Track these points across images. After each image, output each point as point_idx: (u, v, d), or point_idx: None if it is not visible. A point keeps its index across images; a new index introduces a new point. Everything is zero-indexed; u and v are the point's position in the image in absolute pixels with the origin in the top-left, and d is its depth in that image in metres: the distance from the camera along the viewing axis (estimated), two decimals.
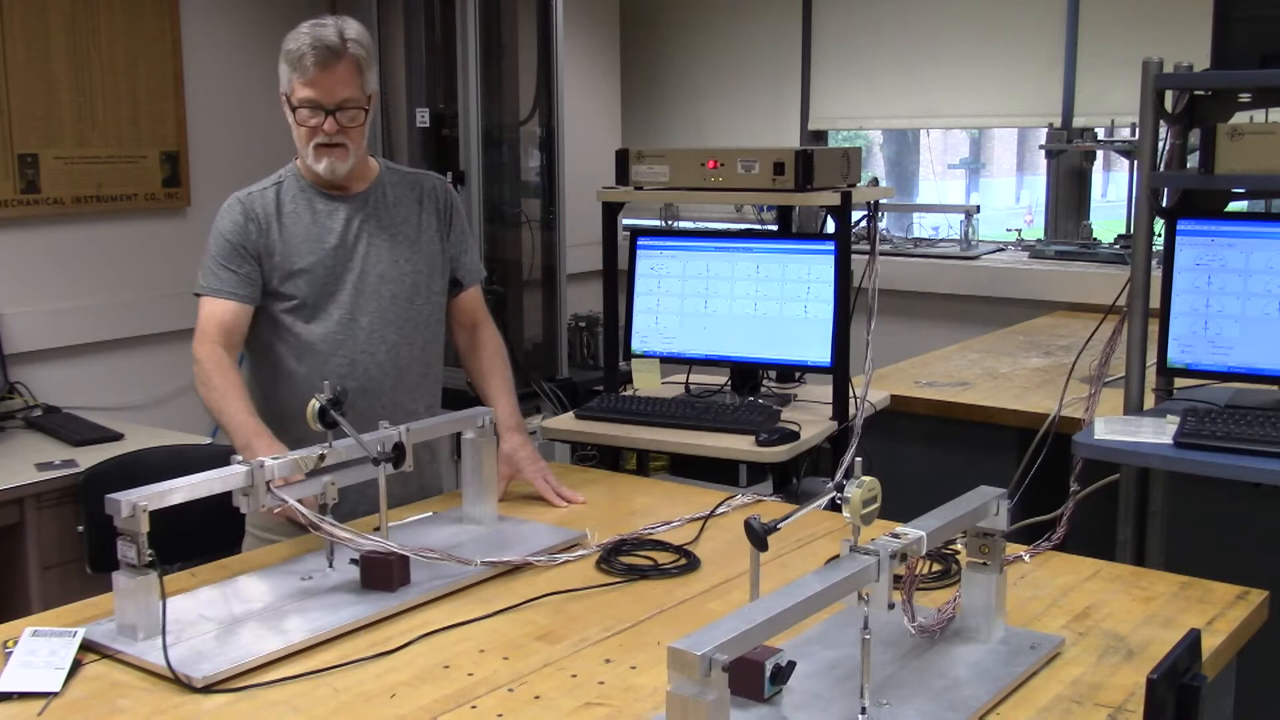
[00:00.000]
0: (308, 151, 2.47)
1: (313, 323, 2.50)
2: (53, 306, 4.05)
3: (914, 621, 1.73)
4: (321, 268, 2.50)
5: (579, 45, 5.44)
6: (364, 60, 2.47)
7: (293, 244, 2.51)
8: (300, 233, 2.51)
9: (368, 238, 2.54)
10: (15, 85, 3.90)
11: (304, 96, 2.43)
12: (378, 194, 2.58)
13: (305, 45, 2.41)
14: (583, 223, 4.59)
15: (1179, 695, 1.45)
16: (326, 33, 2.42)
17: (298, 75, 2.43)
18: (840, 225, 2.94)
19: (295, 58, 2.42)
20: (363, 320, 2.51)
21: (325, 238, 2.52)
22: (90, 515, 2.92)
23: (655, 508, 2.46)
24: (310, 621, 1.87)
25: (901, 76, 5.36)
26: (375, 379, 2.52)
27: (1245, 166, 2.63)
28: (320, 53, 2.40)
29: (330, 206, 2.54)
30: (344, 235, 2.52)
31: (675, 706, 1.27)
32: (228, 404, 2.38)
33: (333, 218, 2.53)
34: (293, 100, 2.45)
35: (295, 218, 2.53)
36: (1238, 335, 2.71)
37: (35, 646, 1.75)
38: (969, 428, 3.32)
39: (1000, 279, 4.88)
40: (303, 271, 2.50)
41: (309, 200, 2.54)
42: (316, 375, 2.42)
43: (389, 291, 2.54)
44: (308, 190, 2.55)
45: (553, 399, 4.55)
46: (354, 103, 2.45)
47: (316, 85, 2.42)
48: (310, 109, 2.44)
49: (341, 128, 2.44)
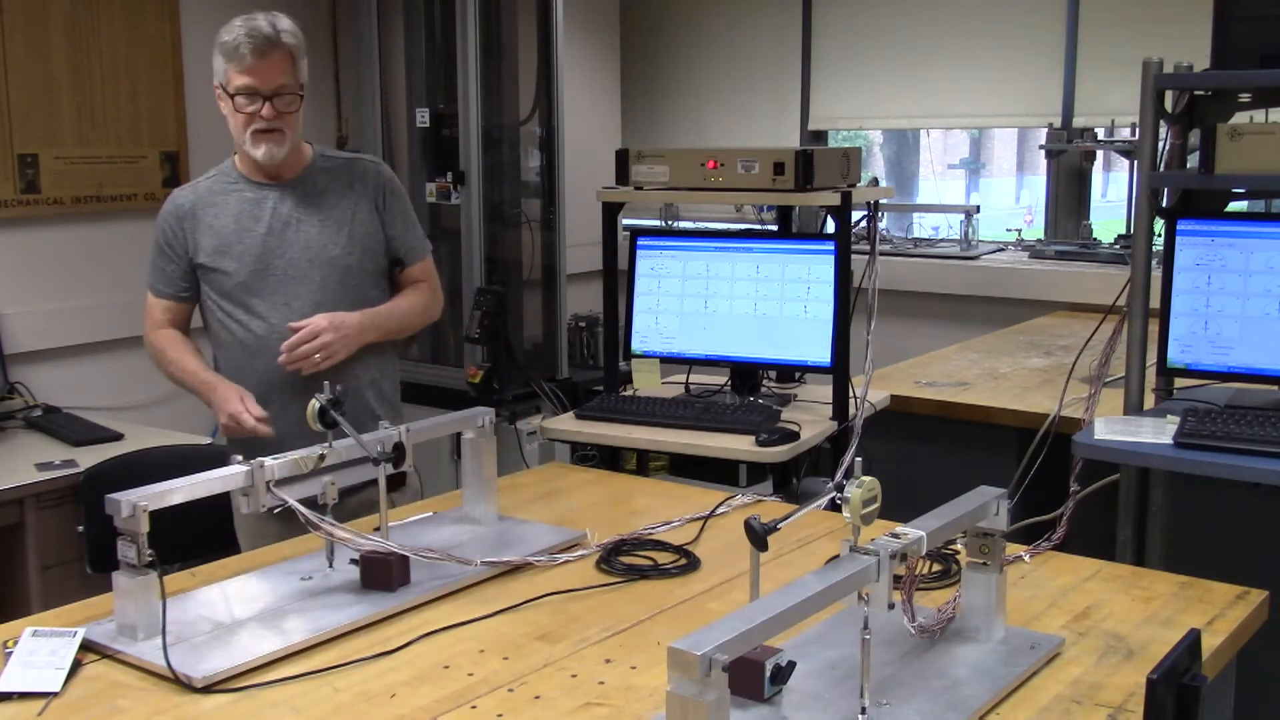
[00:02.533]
0: (245, 138, 2.58)
1: (248, 309, 2.62)
2: (53, 306, 4.04)
3: (914, 621, 1.72)
4: (250, 254, 2.61)
5: (579, 45, 5.44)
6: (297, 51, 2.60)
7: (222, 233, 2.62)
8: (229, 221, 2.63)
9: (296, 223, 2.64)
10: (15, 85, 3.90)
11: (242, 84, 2.54)
12: (308, 181, 2.68)
13: (241, 36, 2.53)
14: (583, 223, 4.59)
15: (1179, 695, 1.45)
16: (261, 25, 2.55)
17: (234, 64, 2.54)
18: (840, 225, 2.94)
19: (231, 48, 2.54)
20: (295, 304, 2.61)
21: (254, 226, 2.63)
22: (90, 515, 2.92)
23: (655, 508, 2.46)
24: (310, 621, 1.87)
25: (901, 76, 5.36)
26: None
27: (1245, 166, 2.62)
28: (257, 42, 2.53)
29: (259, 194, 2.65)
30: (272, 222, 2.63)
31: (675, 706, 1.27)
32: (185, 366, 2.63)
33: (261, 205, 2.64)
34: (230, 89, 2.56)
35: (224, 207, 2.64)
36: (1238, 335, 2.71)
37: (35, 646, 1.75)
38: (969, 428, 3.31)
39: (1000, 279, 4.88)
40: (231, 258, 2.61)
41: (239, 190, 2.65)
42: (257, 358, 2.60)
43: (319, 275, 2.64)
44: (239, 181, 2.67)
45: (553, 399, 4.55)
46: (289, 89, 2.57)
47: (254, 73, 2.54)
48: (247, 96, 2.55)
49: (278, 113, 2.56)
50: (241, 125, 2.57)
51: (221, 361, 2.70)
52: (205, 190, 2.67)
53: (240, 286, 2.62)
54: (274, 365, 2.58)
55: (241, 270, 2.61)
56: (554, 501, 2.55)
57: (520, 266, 4.83)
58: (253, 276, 2.61)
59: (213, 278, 2.64)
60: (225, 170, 2.70)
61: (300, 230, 2.64)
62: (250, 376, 2.61)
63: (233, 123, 2.60)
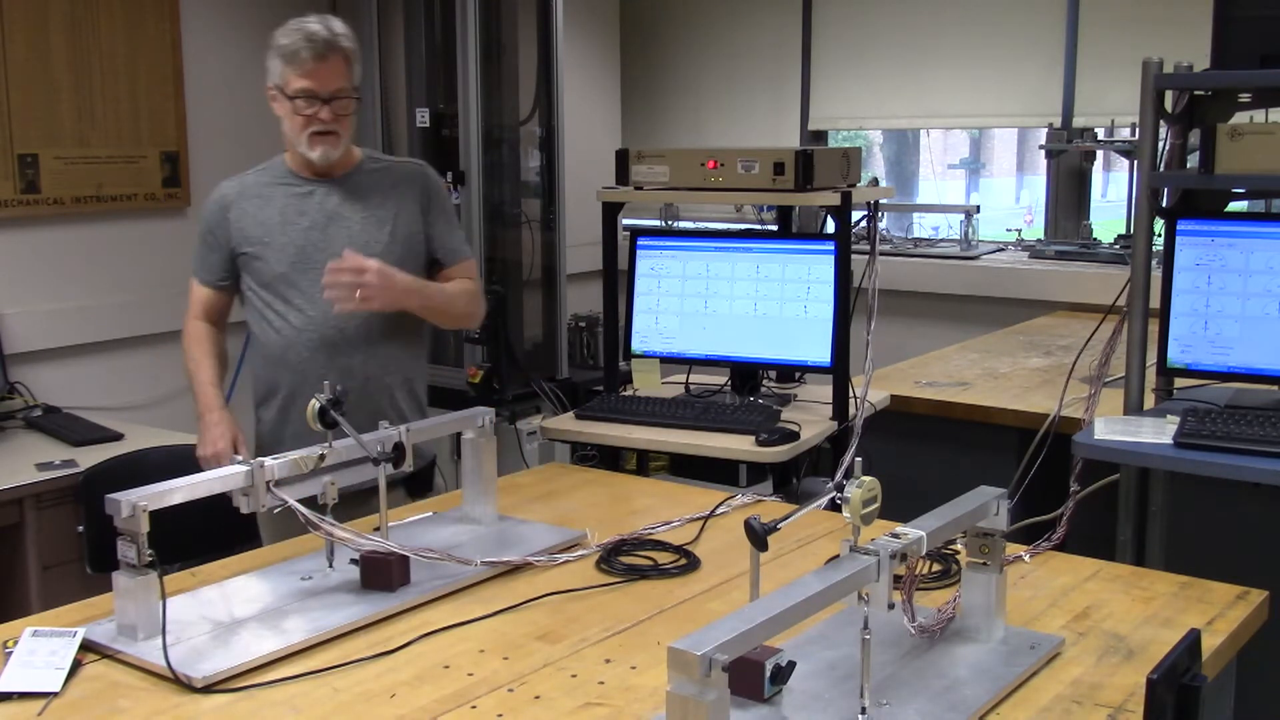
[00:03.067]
0: (302, 139, 2.63)
1: (287, 301, 2.67)
2: (53, 306, 4.04)
3: (914, 621, 1.73)
4: (292, 246, 2.66)
5: (579, 45, 5.44)
6: (353, 54, 2.65)
7: (266, 224, 2.68)
8: (274, 214, 2.68)
9: (340, 219, 2.69)
10: (15, 85, 3.90)
11: (301, 87, 2.59)
12: (354, 179, 2.73)
13: (300, 40, 2.58)
14: (583, 223, 4.59)
15: (1179, 695, 1.45)
16: (319, 29, 2.60)
17: (293, 68, 2.59)
18: (840, 225, 2.94)
19: (291, 52, 2.59)
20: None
21: (298, 219, 2.67)
22: (90, 515, 2.92)
23: (655, 508, 2.46)
24: (310, 621, 1.87)
25: (901, 76, 5.36)
26: (343, 352, 2.66)
27: (1245, 166, 2.62)
28: (316, 46, 2.58)
29: (305, 189, 2.70)
30: (316, 217, 2.68)
31: (675, 706, 1.27)
32: (198, 372, 2.71)
33: (306, 200, 2.69)
34: (287, 91, 2.60)
35: (269, 200, 2.70)
36: (1238, 335, 2.71)
37: (35, 646, 1.75)
38: (969, 428, 3.31)
39: (1000, 279, 4.88)
40: (273, 249, 2.66)
41: (286, 184, 2.71)
42: (291, 351, 2.65)
43: None
44: (287, 176, 2.72)
45: (553, 399, 4.55)
46: (345, 93, 2.63)
47: (313, 76, 2.58)
48: (306, 99, 2.60)
49: (335, 116, 2.61)
50: (299, 127, 2.62)
51: (256, 351, 2.75)
52: (252, 182, 2.74)
53: (280, 278, 2.66)
54: (307, 358, 2.65)
55: (282, 261, 2.66)
56: (554, 501, 2.55)
57: (520, 266, 4.83)
58: (293, 269, 2.66)
59: (254, 267, 2.69)
60: (274, 165, 2.77)
61: (343, 226, 2.68)
62: (283, 370, 2.68)
63: (289, 124, 2.65)
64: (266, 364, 2.71)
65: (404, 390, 2.76)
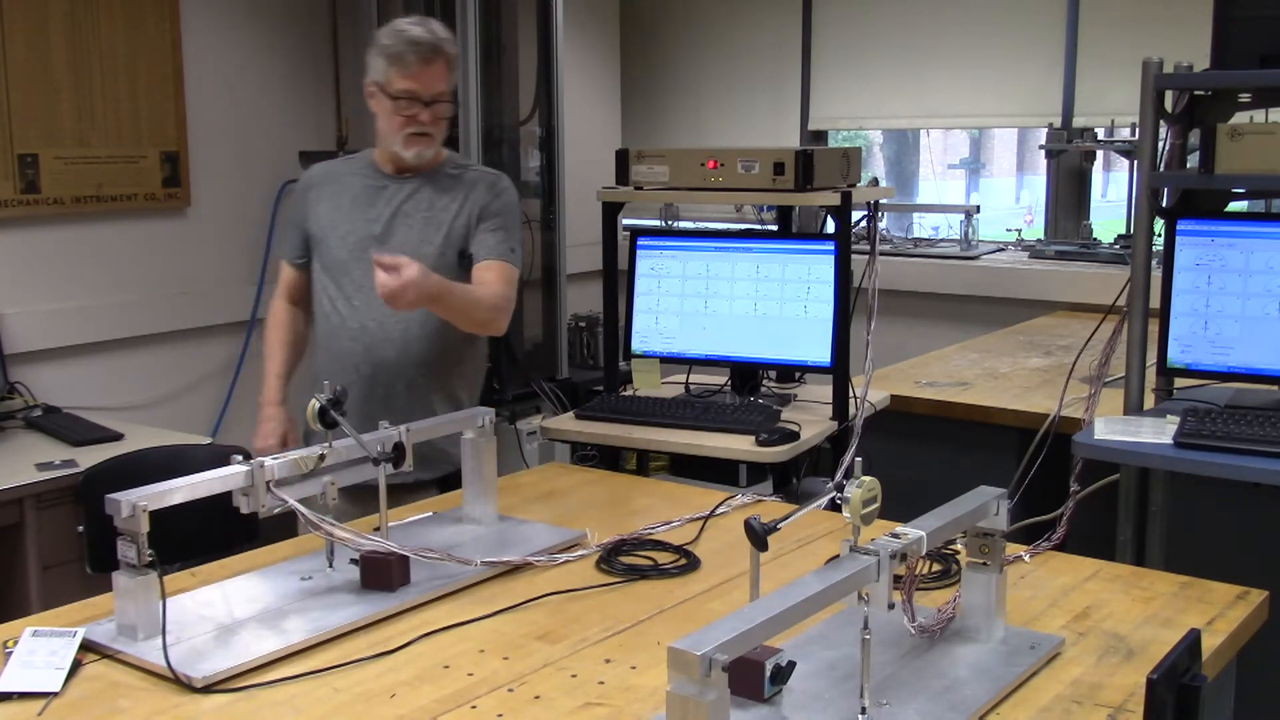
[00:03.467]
0: (398, 138, 2.68)
1: (340, 288, 2.74)
2: (53, 306, 4.04)
3: (914, 621, 1.73)
4: (354, 236, 2.72)
5: (579, 45, 5.44)
6: (454, 60, 2.72)
7: (337, 210, 2.74)
8: (346, 201, 2.75)
9: (404, 218, 2.74)
10: (15, 85, 3.90)
11: (404, 88, 2.64)
12: (429, 180, 2.77)
13: (408, 41, 2.63)
14: (583, 223, 4.59)
15: (1179, 695, 1.45)
16: (423, 32, 2.66)
17: (398, 68, 2.63)
18: (840, 225, 2.94)
19: (397, 53, 2.63)
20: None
21: (366, 211, 2.74)
22: (90, 515, 2.92)
23: (655, 508, 2.46)
24: (310, 621, 1.87)
25: (901, 76, 5.36)
26: (380, 346, 2.70)
27: (1245, 166, 2.62)
28: (423, 49, 2.63)
29: (380, 184, 2.76)
30: (382, 211, 2.74)
31: (675, 706, 1.27)
32: (268, 361, 2.85)
33: (378, 194, 2.75)
34: (390, 90, 2.64)
35: (345, 187, 2.77)
36: (1238, 335, 2.71)
37: (35, 646, 1.75)
38: (969, 428, 3.31)
39: (1000, 279, 4.88)
40: (337, 236, 2.73)
41: (364, 176, 2.77)
42: (336, 338, 2.73)
43: None
44: (368, 168, 2.78)
45: (553, 399, 4.55)
46: (444, 97, 2.69)
47: (417, 79, 2.64)
48: (409, 100, 2.64)
49: (433, 119, 2.68)
50: (398, 126, 2.67)
51: (316, 332, 2.83)
52: (336, 169, 2.84)
53: (339, 264, 2.73)
54: (345, 345, 2.72)
55: (343, 249, 2.73)
56: (554, 501, 2.55)
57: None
58: (350, 258, 2.72)
59: (320, 250, 2.77)
60: (361, 156, 2.84)
61: (404, 225, 2.74)
62: (327, 356, 2.76)
63: (386, 122, 2.69)
64: (318, 349, 2.81)
65: (441, 394, 2.75)
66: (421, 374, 2.73)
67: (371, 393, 2.67)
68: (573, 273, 4.94)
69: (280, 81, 4.63)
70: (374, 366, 2.68)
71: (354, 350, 2.71)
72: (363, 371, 2.69)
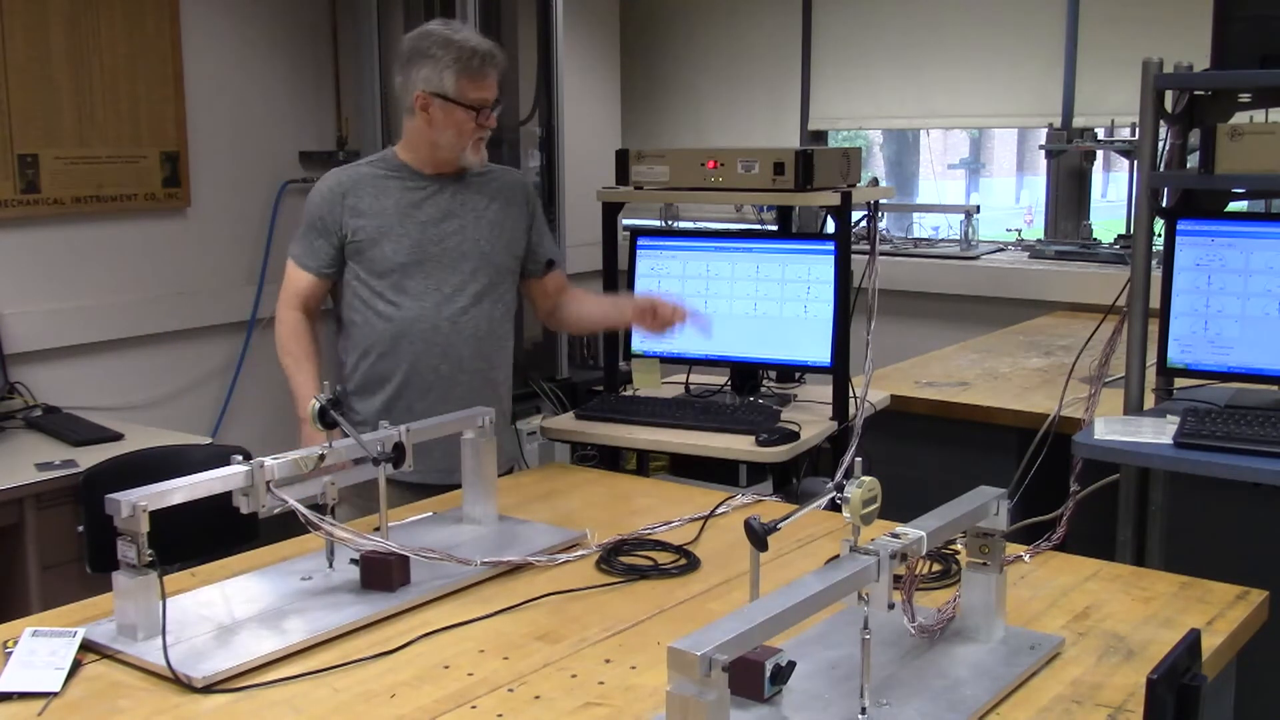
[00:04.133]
0: (465, 145, 2.71)
1: (401, 290, 2.72)
2: (53, 306, 4.04)
3: (914, 621, 1.73)
4: (409, 239, 2.72)
5: (579, 45, 5.44)
6: (502, 65, 2.76)
7: (383, 215, 2.72)
8: (390, 205, 2.73)
9: (454, 216, 2.76)
10: (15, 85, 3.90)
11: (479, 97, 2.68)
12: (465, 181, 2.79)
13: (472, 51, 2.66)
14: (583, 223, 4.59)
15: (1179, 695, 1.45)
16: (481, 40, 2.70)
17: (470, 78, 2.66)
18: (840, 225, 2.94)
19: (468, 65, 2.65)
20: (446, 291, 2.72)
21: (415, 213, 2.73)
22: (90, 515, 2.91)
23: (655, 508, 2.46)
24: (310, 621, 1.87)
25: (901, 76, 5.36)
26: (455, 344, 2.73)
27: (1245, 166, 2.62)
28: (489, 57, 2.68)
29: (420, 184, 2.76)
30: (433, 212, 2.75)
31: (675, 706, 1.27)
32: (300, 371, 2.73)
33: (423, 195, 2.75)
34: (465, 99, 2.66)
35: (385, 191, 2.74)
36: (1238, 335, 2.71)
37: (35, 646, 1.75)
38: (969, 428, 3.31)
39: (1000, 279, 4.88)
40: (391, 240, 2.71)
41: (401, 179, 2.76)
42: (402, 340, 2.71)
43: (470, 266, 2.75)
44: (401, 170, 2.77)
45: (553, 399, 4.56)
46: (497, 101, 2.74)
47: (487, 87, 2.69)
48: (479, 108, 2.68)
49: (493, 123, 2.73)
50: (468, 133, 2.69)
51: (356, 343, 2.76)
52: (366, 174, 2.78)
53: (398, 268, 2.71)
54: (420, 347, 2.71)
55: (400, 252, 2.71)
56: (554, 501, 2.55)
57: None
58: (410, 260, 2.71)
59: (369, 256, 2.72)
60: (386, 158, 2.81)
61: (458, 223, 2.76)
62: (392, 360, 2.72)
63: (451, 130, 2.69)
64: (370, 355, 2.74)
65: (506, 385, 2.87)
66: (493, 366, 2.81)
67: (450, 392, 2.70)
68: (573, 273, 4.90)
69: (280, 81, 4.63)
70: (452, 365, 2.72)
71: (431, 352, 2.71)
72: (442, 371, 2.72)
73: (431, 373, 2.72)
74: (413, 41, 2.70)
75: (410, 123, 2.74)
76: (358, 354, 2.76)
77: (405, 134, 2.77)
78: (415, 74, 2.68)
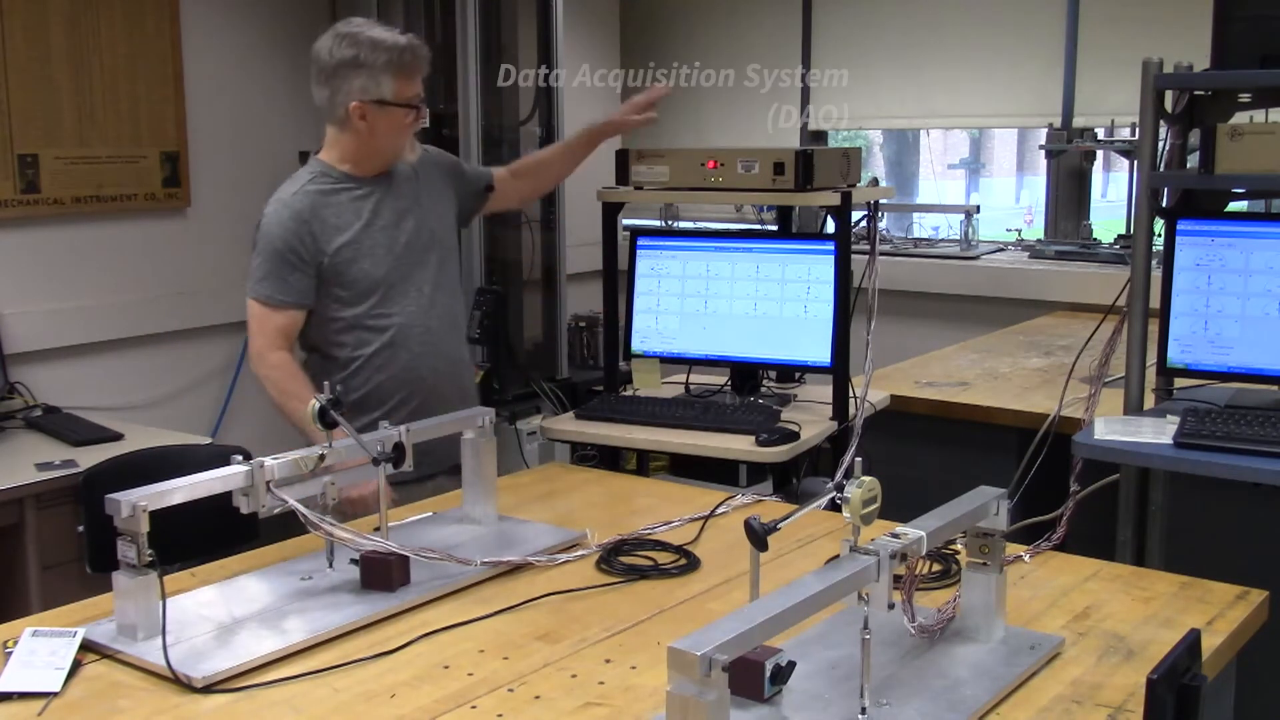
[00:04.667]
0: (404, 143, 2.71)
1: (389, 301, 2.70)
2: (53, 306, 4.04)
3: (914, 621, 1.73)
4: (380, 249, 2.70)
5: (579, 45, 5.44)
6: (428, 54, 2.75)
7: (349, 232, 2.68)
8: (352, 219, 2.69)
9: (405, 213, 2.76)
10: (15, 85, 3.90)
11: (413, 94, 2.67)
12: (394, 175, 2.78)
13: (400, 50, 2.63)
14: (583, 223, 4.59)
15: (1179, 695, 1.45)
16: (404, 38, 2.67)
17: (406, 75, 2.65)
18: (840, 225, 2.94)
19: (403, 64, 2.64)
20: (424, 289, 2.74)
21: (375, 220, 2.71)
22: (90, 515, 2.91)
23: (655, 508, 2.46)
24: (310, 621, 1.87)
25: (901, 76, 5.36)
26: (443, 339, 2.78)
27: (1245, 166, 2.62)
28: (417, 50, 2.67)
29: (366, 191, 2.73)
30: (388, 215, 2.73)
31: (675, 706, 1.27)
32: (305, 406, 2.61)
33: (370, 201, 2.73)
34: (399, 99, 2.64)
35: (341, 207, 2.70)
36: (1238, 335, 2.71)
37: (35, 646, 1.75)
38: (969, 428, 3.31)
39: (1000, 279, 4.88)
40: (366, 255, 2.68)
41: (348, 189, 2.72)
42: (400, 351, 2.70)
43: (433, 258, 2.78)
44: (343, 179, 2.72)
45: (553, 399, 4.55)
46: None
47: (419, 82, 2.69)
48: (414, 103, 2.68)
49: None
50: (403, 129, 2.68)
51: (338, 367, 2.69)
52: (314, 192, 2.68)
53: (381, 281, 2.69)
54: (418, 354, 2.71)
55: (379, 267, 2.69)
56: (554, 501, 2.55)
57: (520, 266, 4.83)
58: (390, 271, 2.71)
59: (349, 277, 2.66)
60: (325, 173, 2.71)
61: (412, 218, 2.76)
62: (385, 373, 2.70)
63: (390, 131, 2.66)
64: (363, 372, 2.69)
65: (472, 371, 2.93)
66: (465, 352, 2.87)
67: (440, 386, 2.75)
68: (573, 273, 4.94)
69: (280, 81, 4.63)
70: (446, 361, 2.77)
71: (426, 354, 2.73)
72: (438, 369, 2.75)
73: (432, 373, 2.73)
74: (336, 51, 2.61)
75: (343, 133, 2.67)
76: (346, 374, 2.69)
77: (337, 144, 2.70)
78: (347, 85, 2.61)
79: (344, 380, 2.67)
